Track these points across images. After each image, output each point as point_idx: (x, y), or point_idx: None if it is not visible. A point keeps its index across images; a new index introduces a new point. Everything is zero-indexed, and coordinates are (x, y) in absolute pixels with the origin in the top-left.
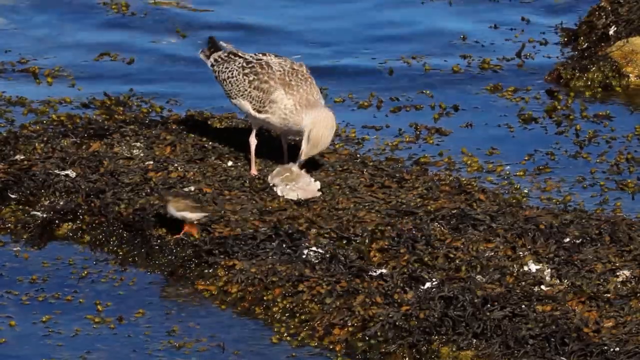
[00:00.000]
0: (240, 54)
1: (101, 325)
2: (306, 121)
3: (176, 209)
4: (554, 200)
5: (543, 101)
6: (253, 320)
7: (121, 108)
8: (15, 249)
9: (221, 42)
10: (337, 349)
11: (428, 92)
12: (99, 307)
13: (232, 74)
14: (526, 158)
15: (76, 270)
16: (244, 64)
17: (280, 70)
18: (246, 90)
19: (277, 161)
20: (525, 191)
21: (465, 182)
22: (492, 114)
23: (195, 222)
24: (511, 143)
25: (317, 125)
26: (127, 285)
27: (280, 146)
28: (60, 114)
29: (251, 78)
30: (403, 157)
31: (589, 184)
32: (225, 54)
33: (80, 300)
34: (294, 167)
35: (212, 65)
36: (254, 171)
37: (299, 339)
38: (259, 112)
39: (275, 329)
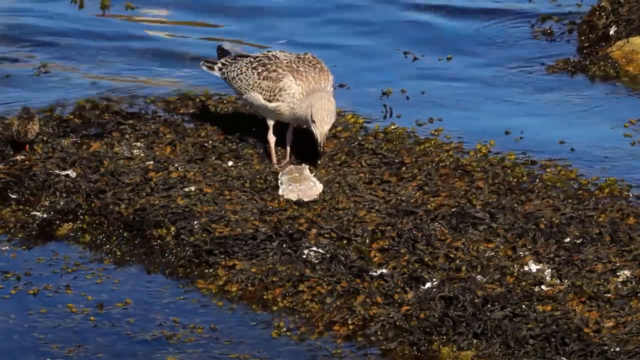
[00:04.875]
0: (247, 54)
1: (95, 318)
2: (306, 105)
3: None
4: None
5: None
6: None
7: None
8: (4, 248)
9: (230, 46)
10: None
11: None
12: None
13: (240, 70)
14: None
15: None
16: (252, 59)
17: (286, 59)
18: (256, 82)
19: (281, 160)
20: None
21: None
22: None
23: None
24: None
25: (315, 102)
26: (127, 284)
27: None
28: None
29: (260, 70)
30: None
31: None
32: (232, 57)
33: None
34: (306, 170)
35: (220, 69)
36: (275, 163)
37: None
38: (270, 101)
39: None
